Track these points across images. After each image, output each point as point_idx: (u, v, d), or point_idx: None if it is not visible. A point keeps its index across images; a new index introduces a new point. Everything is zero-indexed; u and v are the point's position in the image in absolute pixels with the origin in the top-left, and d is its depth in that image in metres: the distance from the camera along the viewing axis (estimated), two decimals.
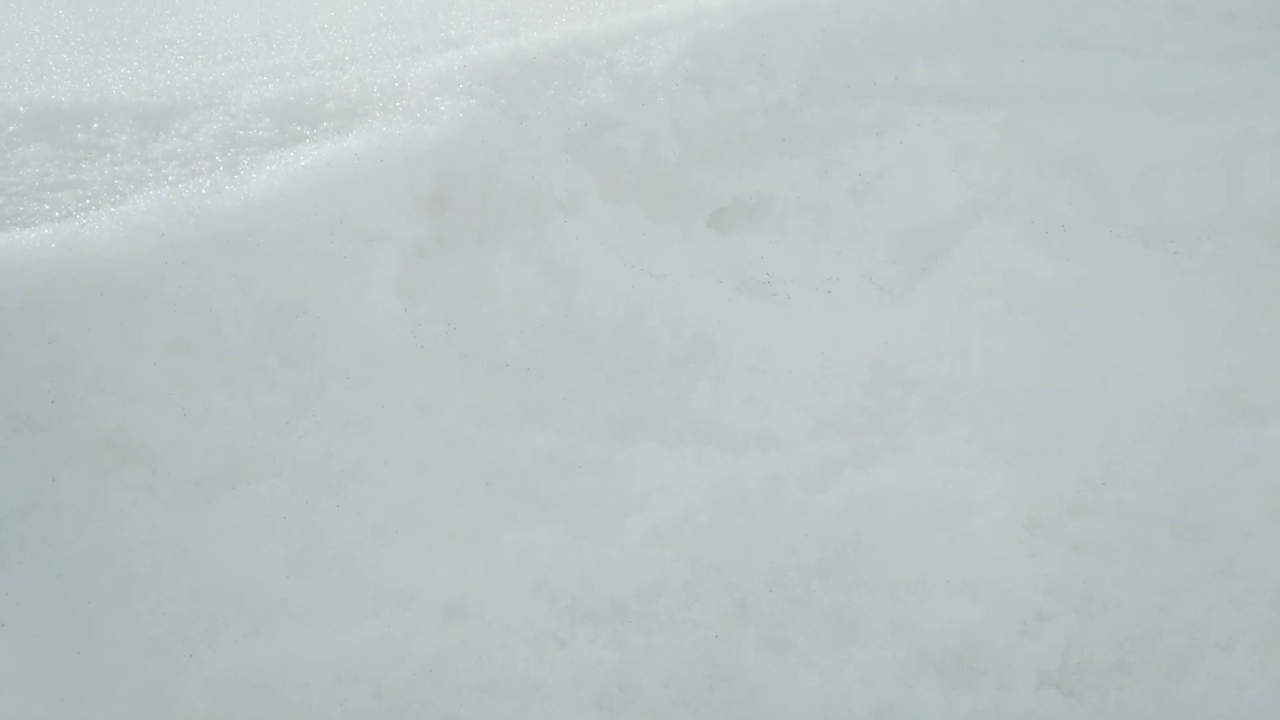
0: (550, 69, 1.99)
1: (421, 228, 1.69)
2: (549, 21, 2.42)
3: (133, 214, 1.44)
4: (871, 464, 1.81)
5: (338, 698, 1.28)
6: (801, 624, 1.56)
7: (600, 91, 1.99)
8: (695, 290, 1.91)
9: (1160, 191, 2.69)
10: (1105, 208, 2.60)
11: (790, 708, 1.46)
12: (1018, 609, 1.64)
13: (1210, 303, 2.47)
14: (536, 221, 1.81)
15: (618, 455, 1.67)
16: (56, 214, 1.47)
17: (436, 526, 1.48)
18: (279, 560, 1.34)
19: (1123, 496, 1.88)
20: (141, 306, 1.39)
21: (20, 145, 1.58)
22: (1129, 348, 2.23)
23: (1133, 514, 1.84)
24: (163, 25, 2.16)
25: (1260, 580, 1.73)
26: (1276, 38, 3.19)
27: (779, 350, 1.89)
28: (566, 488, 1.60)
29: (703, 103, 2.10)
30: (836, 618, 1.58)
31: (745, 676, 1.47)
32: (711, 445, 1.74)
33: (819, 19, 2.41)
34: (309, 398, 1.47)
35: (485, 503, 1.53)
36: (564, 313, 1.77)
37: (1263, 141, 2.85)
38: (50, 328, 1.34)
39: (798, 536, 1.64)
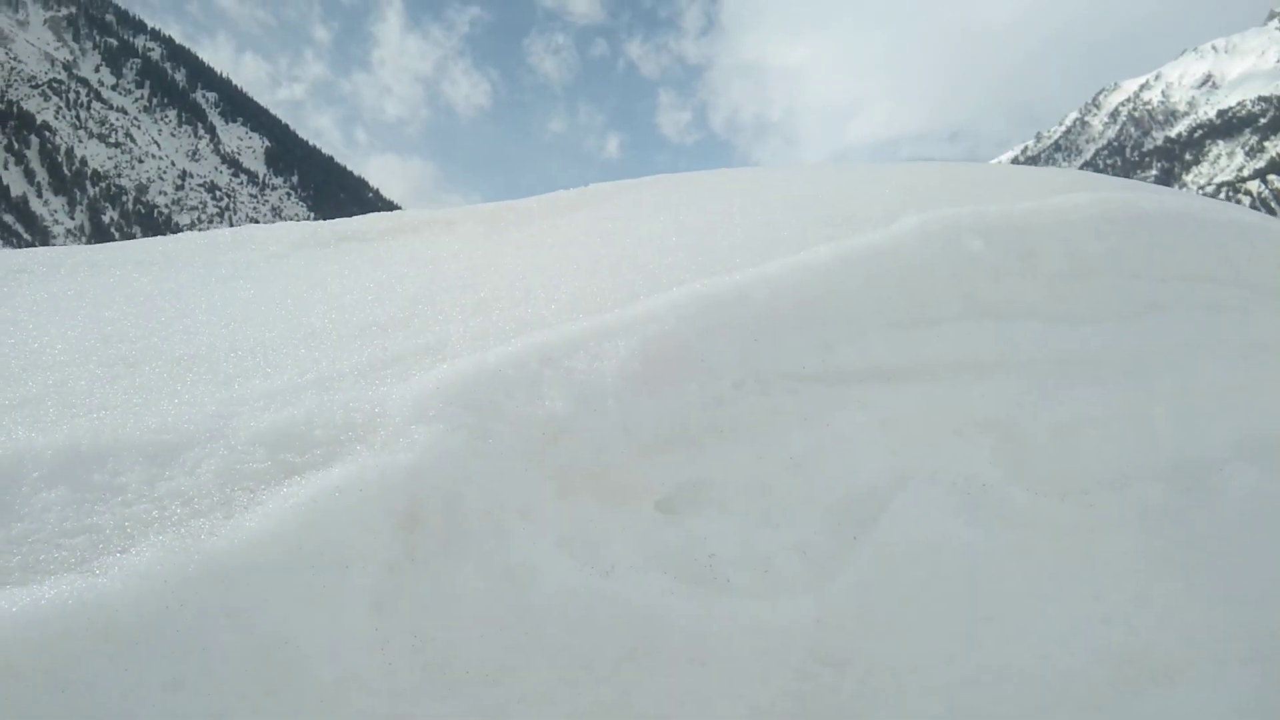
0: (513, 381, 2.27)
1: (393, 547, 1.91)
2: (516, 314, 2.74)
3: (140, 563, 1.66)
4: None
5: None
6: None
7: (557, 401, 2.26)
8: (641, 584, 2.12)
9: (1074, 448, 2.95)
10: (1023, 466, 2.85)
11: None
12: None
13: (1122, 558, 2.70)
14: (497, 530, 2.03)
15: None
16: (72, 560, 1.69)
17: None
18: None
19: None
20: (144, 650, 1.59)
21: (44, 490, 1.81)
22: (1044, 613, 2.43)
23: None
24: (172, 340, 2.43)
25: None
26: (1179, 291, 3.55)
27: (718, 639, 2.09)
28: None
29: (649, 404, 2.38)
30: None
31: None
32: None
33: (753, 309, 2.72)
34: None
35: None
36: (521, 616, 1.97)
37: (1166, 396, 3.15)
38: (61, 675, 1.53)
39: None
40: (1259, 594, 2.73)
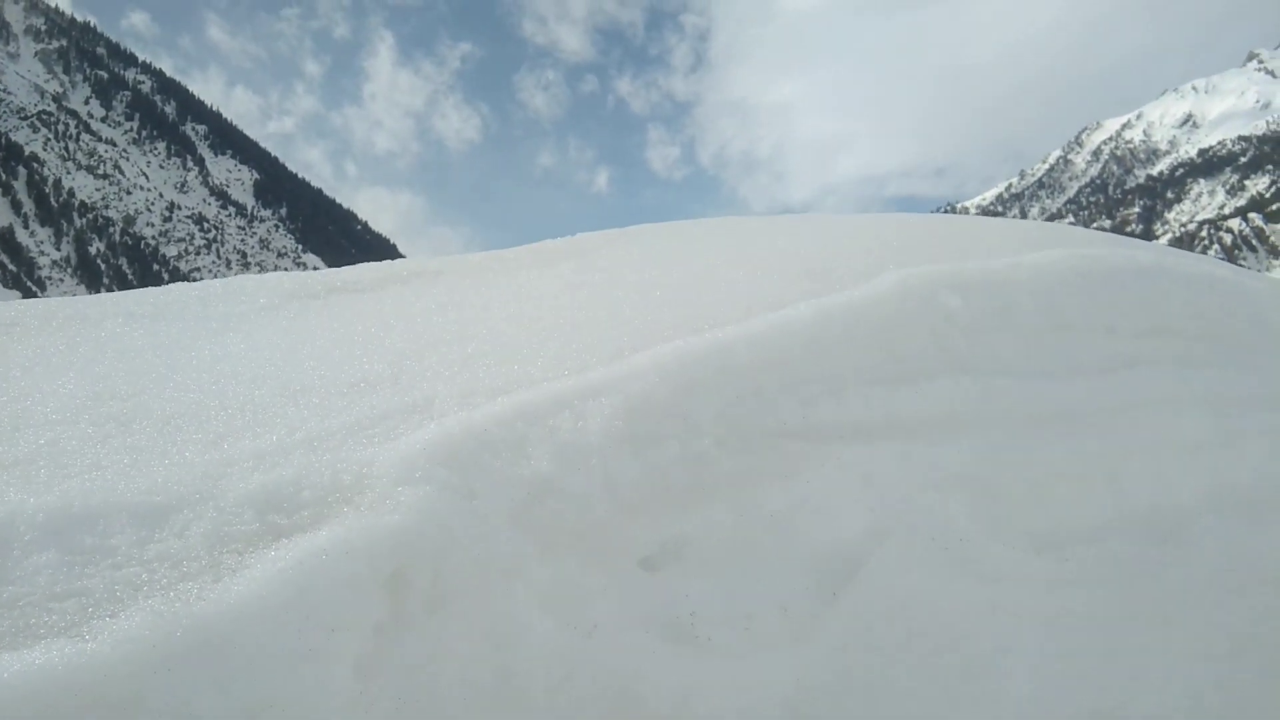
0: (499, 441, 2.31)
1: (379, 609, 1.94)
2: (503, 370, 2.78)
3: (129, 627, 1.68)
4: None
5: None
6: None
7: (542, 460, 2.31)
8: (623, 644, 2.16)
9: (1049, 502, 3.01)
10: (999, 521, 2.91)
11: None
12: None
13: (1096, 614, 2.74)
14: (481, 591, 2.07)
15: None
16: (62, 625, 1.71)
17: None
18: None
19: None
20: (132, 717, 1.62)
21: (35, 553, 1.84)
22: (1019, 671, 2.47)
23: None
24: (163, 397, 2.47)
25: None
26: (1152, 345, 3.64)
27: (699, 700, 2.12)
28: None
29: (631, 462, 2.43)
30: None
31: None
32: None
33: (735, 366, 2.79)
34: None
35: None
36: (503, 677, 2.00)
37: (1140, 450, 3.22)
38: None
39: None
40: (1231, 649, 2.77)
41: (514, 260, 4.31)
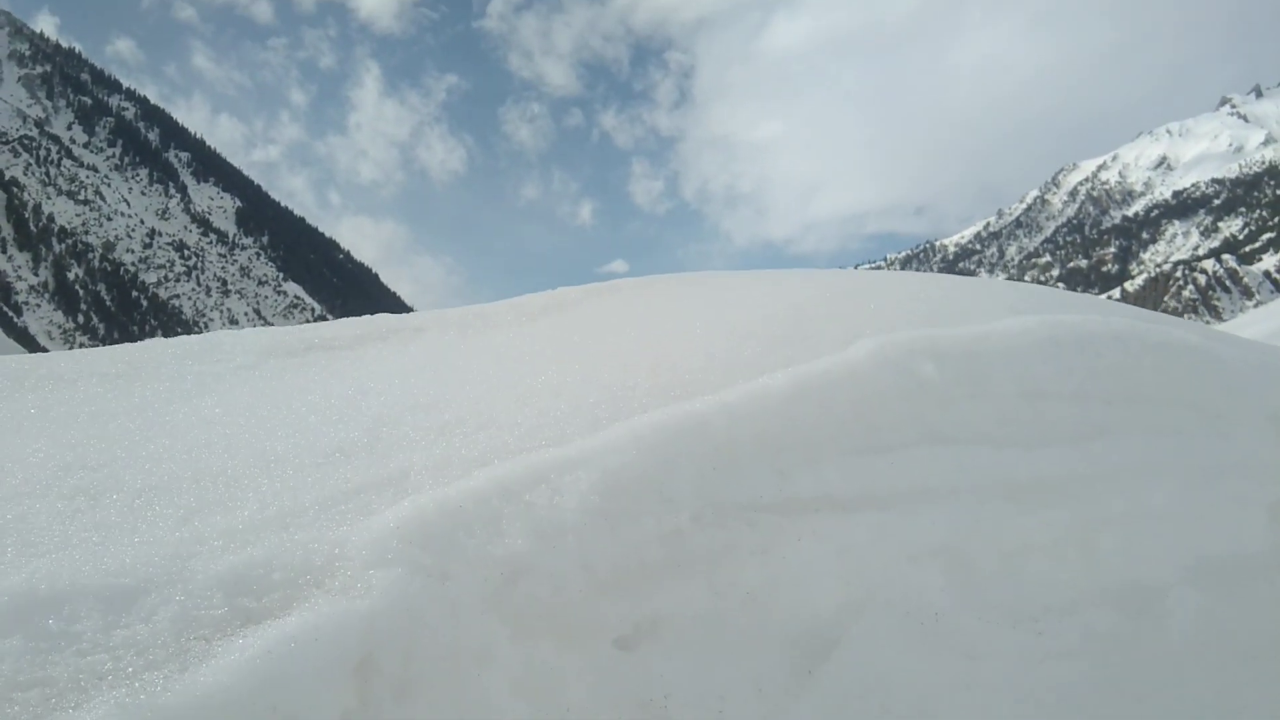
0: (473, 519, 2.30)
1: (347, 696, 1.91)
2: (479, 439, 2.78)
3: None
4: None
5: None
6: None
7: (517, 538, 2.29)
8: None
9: (1022, 574, 3.02)
10: (974, 593, 2.91)
11: None
12: None
13: (1071, 688, 2.75)
14: (453, 676, 2.05)
15: None
16: (25, 717, 1.68)
17: None
18: None
19: None
20: None
21: (0, 639, 1.81)
22: None
23: None
24: (134, 467, 2.44)
25: None
26: (1123, 413, 3.67)
27: None
28: None
29: (608, 540, 2.42)
30: None
31: None
32: None
33: (712, 438, 2.79)
34: None
35: None
36: None
37: (1113, 521, 3.24)
38: None
39: None
40: None
41: (493, 316, 4.31)
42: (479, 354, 3.69)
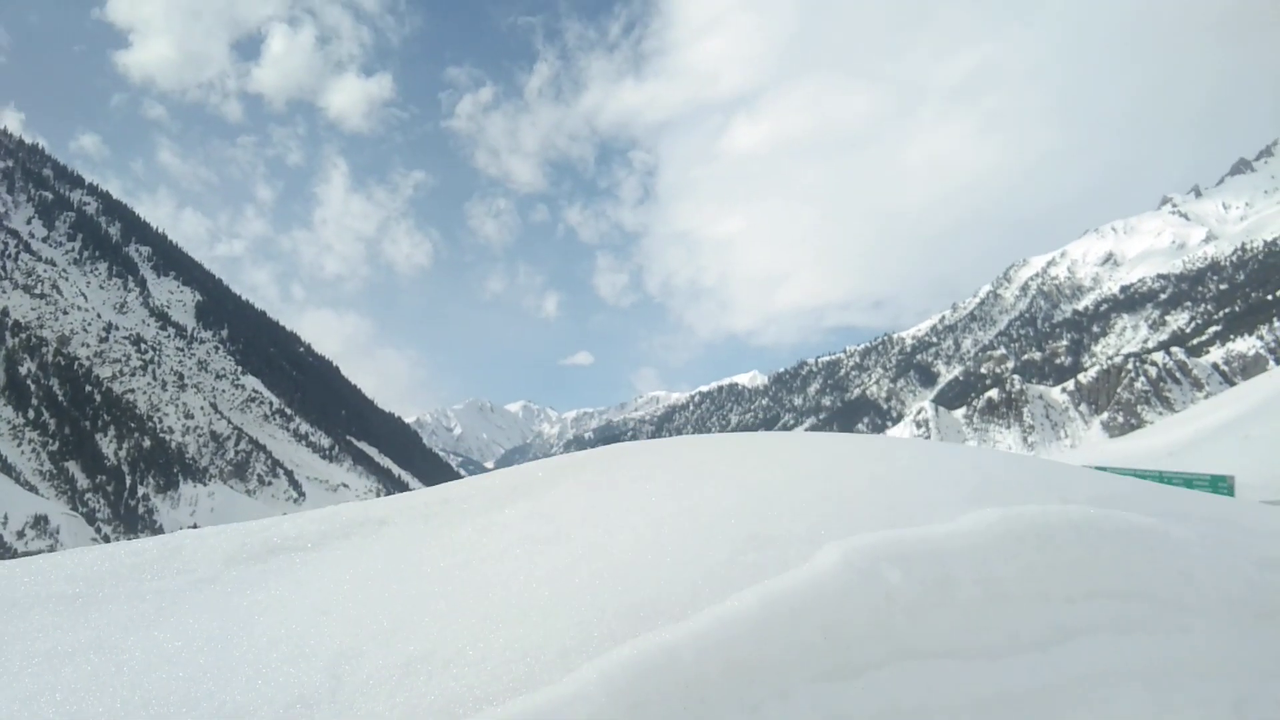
0: None
1: None
2: (445, 681, 2.74)
3: None
4: None
5: None
6: None
7: None
8: None
9: None
10: None
11: None
12: None
13: None
14: None
15: None
16: None
17: None
18: None
19: None
20: None
21: None
22: None
23: None
24: (125, 683, 2.38)
25: None
26: (1087, 610, 3.72)
27: None
28: None
29: None
30: None
31: None
32: None
33: (682, 673, 2.77)
34: None
35: None
36: None
37: None
38: None
39: None
40: None
41: (460, 503, 4.29)
42: (444, 555, 3.67)
